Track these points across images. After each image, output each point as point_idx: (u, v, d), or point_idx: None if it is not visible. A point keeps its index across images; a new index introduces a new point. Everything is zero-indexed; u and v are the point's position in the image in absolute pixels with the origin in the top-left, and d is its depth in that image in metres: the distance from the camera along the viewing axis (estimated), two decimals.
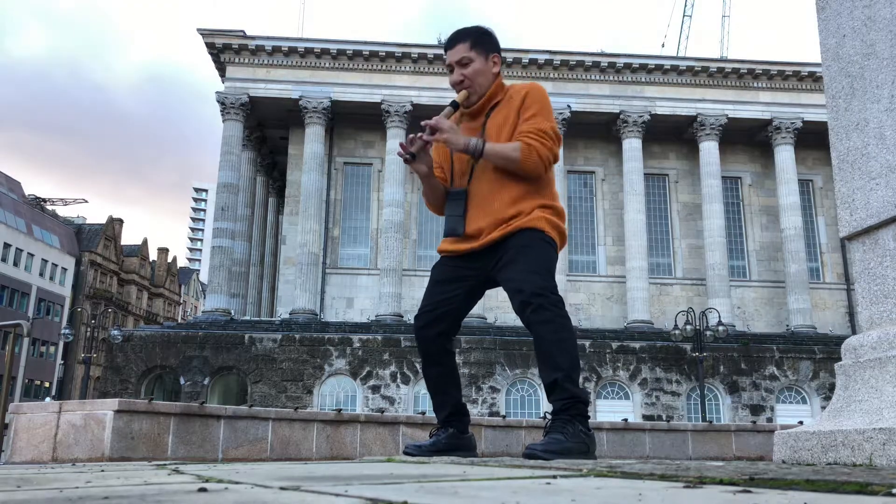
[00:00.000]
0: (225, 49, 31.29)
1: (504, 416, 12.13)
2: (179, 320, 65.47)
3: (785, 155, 31.88)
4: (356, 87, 31.38)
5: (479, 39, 3.31)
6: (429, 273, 3.44)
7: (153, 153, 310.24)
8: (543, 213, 3.17)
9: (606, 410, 26.46)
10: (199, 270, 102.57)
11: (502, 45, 3.45)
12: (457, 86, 3.29)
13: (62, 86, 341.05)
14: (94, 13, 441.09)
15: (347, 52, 31.31)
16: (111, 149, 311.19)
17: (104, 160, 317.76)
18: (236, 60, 31.43)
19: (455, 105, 3.28)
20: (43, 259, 57.10)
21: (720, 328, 24.14)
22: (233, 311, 30.30)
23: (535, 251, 3.08)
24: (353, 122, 32.60)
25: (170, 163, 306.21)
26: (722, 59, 34.69)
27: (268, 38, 31.47)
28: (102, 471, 2.48)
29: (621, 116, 31.74)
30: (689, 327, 24.00)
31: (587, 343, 27.39)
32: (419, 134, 3.16)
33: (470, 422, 3.39)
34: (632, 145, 31.62)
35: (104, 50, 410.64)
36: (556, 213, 3.24)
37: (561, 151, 30.66)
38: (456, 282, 3.27)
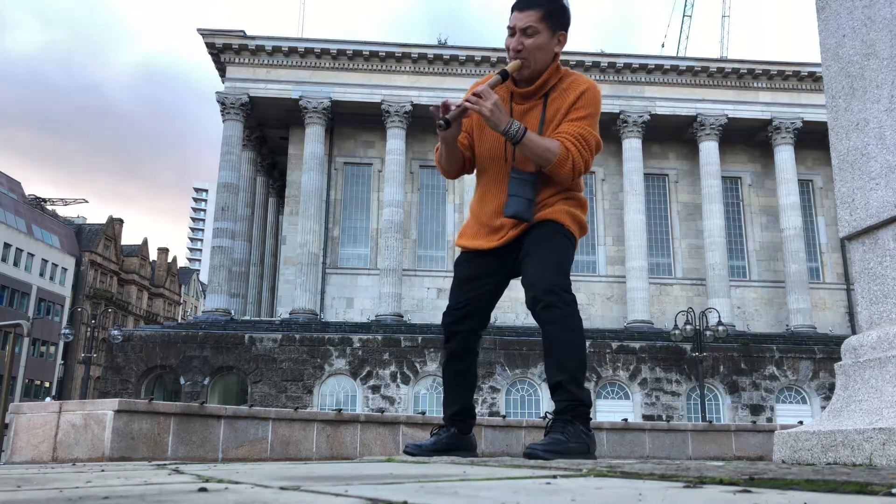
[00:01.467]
0: (225, 49, 31.30)
1: (504, 416, 12.13)
2: (179, 320, 65.46)
3: (785, 155, 31.89)
4: (356, 87, 31.38)
5: (553, 12, 3.03)
6: (429, 273, 3.44)
7: (152, 152, 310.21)
8: (566, 206, 3.11)
9: (606, 410, 26.45)
10: (199, 270, 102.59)
11: (501, 44, 3.37)
12: (513, 52, 3.02)
13: (57, 83, 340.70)
14: (88, 9, 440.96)
15: (347, 52, 31.32)
16: (109, 147, 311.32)
17: (102, 159, 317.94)
18: (236, 60, 31.43)
19: (504, 75, 3.02)
20: (43, 259, 57.10)
21: (720, 328, 24.12)
22: (233, 311, 30.31)
23: (552, 245, 3.04)
24: (353, 122, 32.60)
25: (169, 162, 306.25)
26: (722, 59, 34.68)
27: (268, 38, 31.48)
28: (102, 471, 2.48)
29: (621, 116, 31.74)
30: (689, 327, 23.99)
31: (587, 343, 27.35)
32: (456, 101, 2.97)
33: (474, 423, 3.39)
34: (632, 145, 31.63)
35: (100, 47, 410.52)
36: (580, 204, 3.18)
37: None
38: (483, 278, 3.21)
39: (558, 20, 3.04)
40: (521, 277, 3.13)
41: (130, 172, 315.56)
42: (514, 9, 3.05)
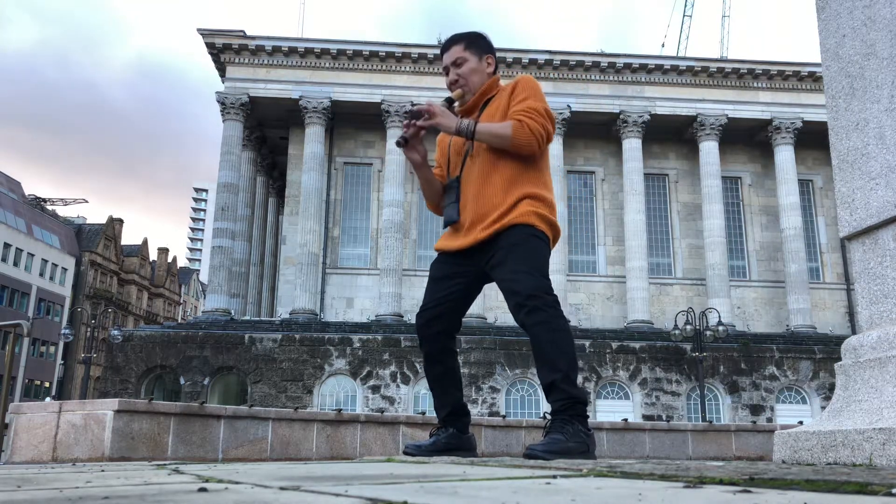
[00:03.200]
0: (225, 49, 31.30)
1: (504, 416, 12.13)
2: (179, 320, 65.45)
3: (785, 155, 31.89)
4: (356, 87, 31.38)
5: (473, 41, 3.39)
6: (428, 273, 3.45)
7: (151, 152, 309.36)
8: (533, 207, 3.15)
9: (606, 410, 26.45)
10: (199, 270, 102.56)
11: (502, 44, 3.47)
12: (452, 86, 3.36)
13: (53, 81, 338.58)
14: (84, 6, 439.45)
15: (347, 52, 31.31)
16: (108, 147, 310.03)
17: (101, 158, 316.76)
18: (236, 60, 31.43)
19: (449, 101, 3.33)
20: (43, 259, 57.09)
21: (720, 328, 24.13)
22: (233, 311, 30.30)
23: (526, 250, 3.07)
24: (353, 122, 32.60)
25: (168, 162, 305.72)
26: (722, 59, 34.68)
27: (268, 38, 31.48)
28: (102, 471, 2.48)
29: (621, 116, 31.74)
30: (689, 327, 24.00)
31: (587, 343, 27.38)
32: (412, 120, 3.20)
33: (470, 422, 3.40)
34: (632, 145, 31.62)
35: (95, 45, 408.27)
36: (547, 204, 3.22)
37: (561, 151, 30.23)
38: (453, 278, 3.28)
39: (480, 46, 3.40)
40: (498, 285, 3.16)
41: (130, 172, 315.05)
42: (441, 53, 3.44)
